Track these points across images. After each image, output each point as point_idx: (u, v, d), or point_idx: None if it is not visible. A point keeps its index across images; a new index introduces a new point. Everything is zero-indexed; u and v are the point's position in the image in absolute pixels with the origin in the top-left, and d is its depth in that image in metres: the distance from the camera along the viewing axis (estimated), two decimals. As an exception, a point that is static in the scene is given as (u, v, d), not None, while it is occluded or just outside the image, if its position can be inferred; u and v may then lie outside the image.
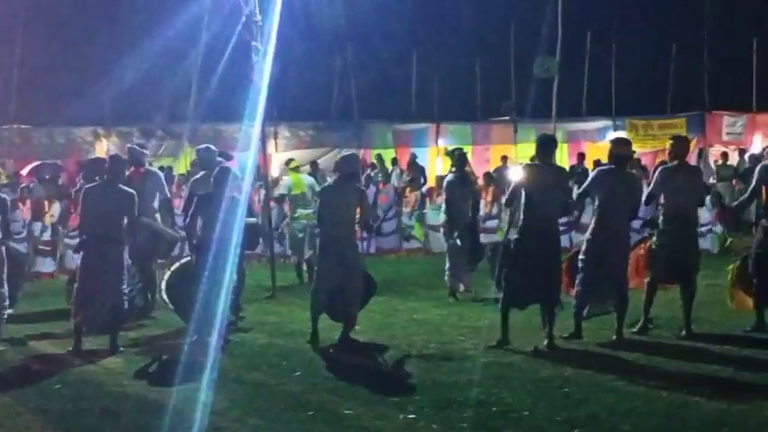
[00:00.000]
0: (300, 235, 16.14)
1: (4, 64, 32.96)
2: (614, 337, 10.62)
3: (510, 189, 10.89)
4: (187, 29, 25.31)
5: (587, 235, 10.87)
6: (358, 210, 11.14)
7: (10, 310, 11.20)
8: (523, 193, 10.48)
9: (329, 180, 14.01)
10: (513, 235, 10.77)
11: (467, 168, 14.96)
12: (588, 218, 11.53)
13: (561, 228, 11.35)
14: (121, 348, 10.77)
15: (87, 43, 32.69)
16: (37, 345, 11.45)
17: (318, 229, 11.29)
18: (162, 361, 10.23)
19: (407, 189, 22.60)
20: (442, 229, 15.00)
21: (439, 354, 10.29)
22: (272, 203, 16.71)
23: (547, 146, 10.80)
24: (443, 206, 14.61)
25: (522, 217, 10.55)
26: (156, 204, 13.25)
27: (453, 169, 14.53)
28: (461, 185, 14.20)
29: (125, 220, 10.89)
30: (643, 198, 11.29)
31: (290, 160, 18.24)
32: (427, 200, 21.96)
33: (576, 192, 12.05)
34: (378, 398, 8.52)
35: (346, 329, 10.92)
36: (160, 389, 8.98)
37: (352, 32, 31.72)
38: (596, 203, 10.75)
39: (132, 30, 30.63)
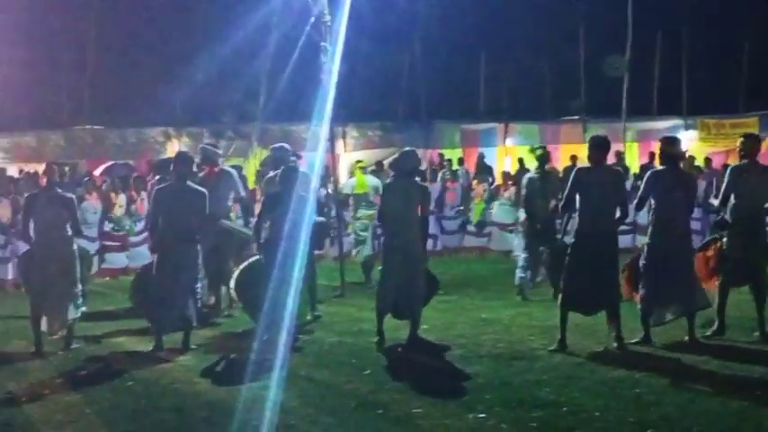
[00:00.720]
0: (363, 235, 16.17)
1: (78, 65, 33.47)
2: (686, 339, 10.48)
3: (565, 193, 10.72)
4: (257, 30, 25.49)
5: (646, 239, 10.74)
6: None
7: (83, 308, 11.36)
8: (578, 196, 10.35)
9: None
10: (569, 239, 10.64)
11: (548, 167, 14.74)
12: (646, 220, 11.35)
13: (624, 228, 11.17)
14: (193, 346, 10.86)
15: (159, 45, 33.05)
16: (110, 342, 11.64)
17: (381, 229, 11.25)
18: (233, 359, 10.33)
19: (475, 181, 22.56)
20: (520, 228, 14.84)
21: (508, 353, 10.25)
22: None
23: (599, 148, 10.58)
24: (516, 203, 14.48)
25: (577, 221, 10.44)
26: (230, 203, 13.38)
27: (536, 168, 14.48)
28: (542, 184, 14.04)
29: (197, 219, 10.97)
30: (717, 200, 11.11)
31: (359, 161, 18.32)
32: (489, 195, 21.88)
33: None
34: (447, 397, 8.51)
35: (413, 328, 10.89)
36: (231, 387, 9.05)
37: (420, 32, 31.71)
38: (652, 206, 10.63)
39: (203, 31, 30.90)
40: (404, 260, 10.80)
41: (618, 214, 10.44)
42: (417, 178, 12.24)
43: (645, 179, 10.81)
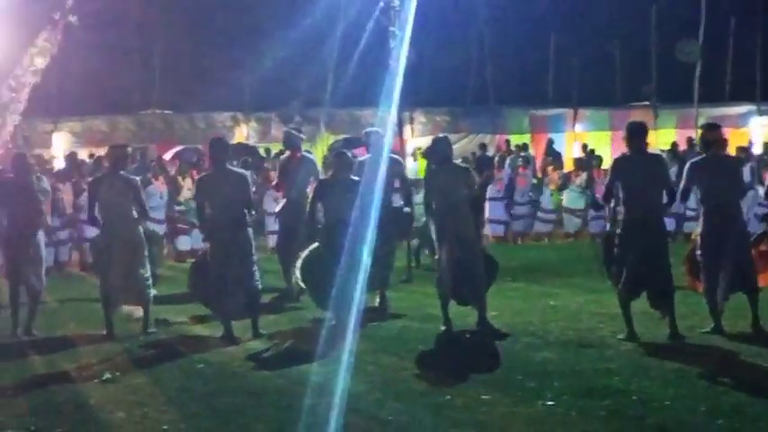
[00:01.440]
0: (423, 220, 16.10)
1: (147, 51, 33.81)
2: (751, 330, 10.27)
3: (606, 184, 10.54)
4: (325, 15, 25.55)
5: (699, 229, 10.54)
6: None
7: (154, 291, 11.45)
8: (620, 186, 10.15)
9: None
10: (617, 229, 10.41)
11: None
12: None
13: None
14: (263, 332, 10.85)
15: (228, 30, 33.29)
16: (180, 326, 11.74)
17: (431, 216, 11.10)
18: (300, 344, 10.33)
19: (550, 168, 22.44)
20: (591, 212, 14.58)
21: (577, 341, 10.16)
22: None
23: (637, 134, 10.32)
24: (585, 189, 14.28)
25: (622, 210, 10.21)
26: (308, 189, 13.41)
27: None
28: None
29: (243, 203, 10.84)
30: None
31: (419, 148, 18.31)
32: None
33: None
34: (515, 384, 8.45)
35: (480, 314, 10.79)
36: (299, 372, 9.08)
37: (489, 17, 31.57)
38: (699, 195, 10.43)
39: (272, 17, 31.07)
40: (458, 245, 10.68)
41: (665, 200, 10.27)
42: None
43: (685, 171, 10.55)
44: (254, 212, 11.36)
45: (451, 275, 10.74)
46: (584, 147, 25.24)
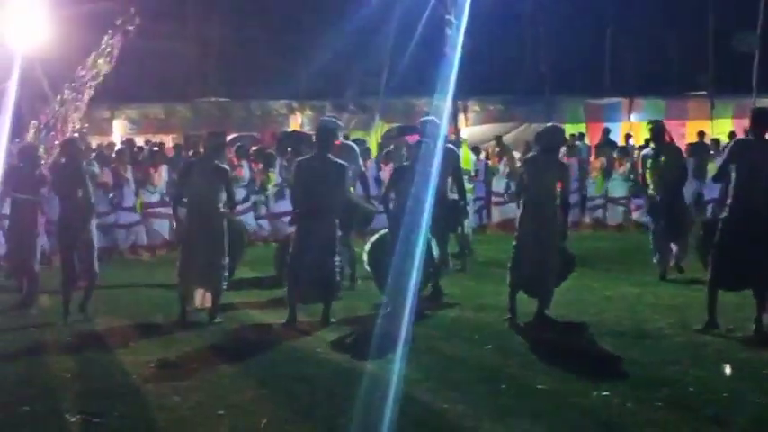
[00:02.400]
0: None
1: (205, 39, 34.04)
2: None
3: (720, 165, 10.37)
4: (382, 4, 25.54)
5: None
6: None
7: (225, 281, 11.31)
8: (734, 169, 9.95)
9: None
10: (723, 214, 10.24)
11: (667, 141, 14.39)
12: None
13: None
14: (333, 320, 10.82)
15: (285, 19, 33.40)
16: (246, 312, 11.80)
17: (520, 203, 11.02)
18: (358, 331, 10.38)
19: (592, 156, 22.31)
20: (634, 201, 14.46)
21: (633, 332, 10.12)
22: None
23: (761, 120, 10.05)
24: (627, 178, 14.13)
25: (732, 194, 9.98)
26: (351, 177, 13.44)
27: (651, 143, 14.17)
28: (656, 159, 13.70)
29: (336, 192, 10.81)
30: None
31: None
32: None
33: None
34: (571, 374, 8.45)
35: (542, 306, 10.72)
36: (355, 358, 9.16)
37: (544, 5, 31.39)
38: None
39: (328, 5, 31.10)
40: (541, 237, 10.59)
41: None
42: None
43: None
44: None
45: (528, 266, 10.67)
46: (628, 136, 25.20)
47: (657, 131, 14.05)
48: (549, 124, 11.82)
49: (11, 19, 19.02)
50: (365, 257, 12.10)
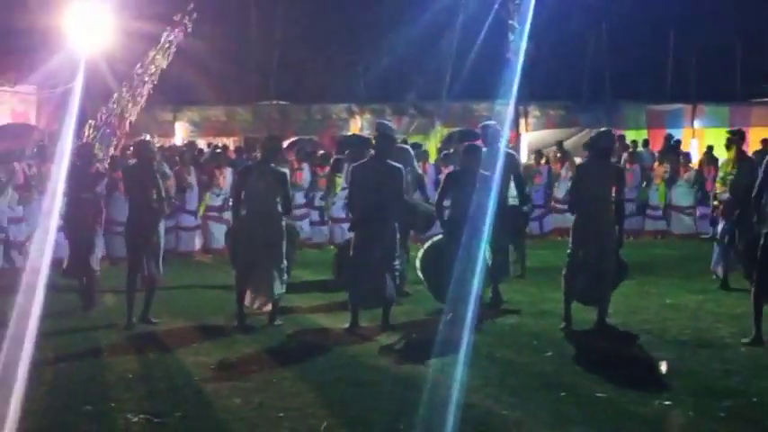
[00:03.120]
0: None
1: (266, 42, 34.24)
2: None
3: (758, 180, 10.12)
4: (444, 8, 25.54)
5: None
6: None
7: (284, 284, 11.28)
8: None
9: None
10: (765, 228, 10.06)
11: (743, 151, 14.14)
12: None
13: None
14: (393, 325, 10.78)
15: (346, 23, 33.51)
16: (306, 316, 11.81)
17: (574, 210, 10.95)
18: (417, 336, 10.39)
19: (656, 163, 22.09)
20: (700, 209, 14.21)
21: (695, 341, 10.03)
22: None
23: None
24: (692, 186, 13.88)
25: None
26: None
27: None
28: (732, 167, 13.44)
29: (394, 195, 10.73)
30: None
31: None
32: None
33: None
34: (631, 382, 8.39)
35: (601, 315, 10.61)
36: (414, 363, 9.15)
37: (606, 10, 31.19)
38: None
39: (390, 9, 31.16)
40: (596, 244, 10.50)
41: None
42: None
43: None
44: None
45: (583, 273, 10.59)
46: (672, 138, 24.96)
47: (736, 140, 13.76)
48: (602, 129, 11.70)
49: (76, 22, 19.35)
50: (417, 264, 12.06)
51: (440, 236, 11.72)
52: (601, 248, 10.53)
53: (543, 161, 21.95)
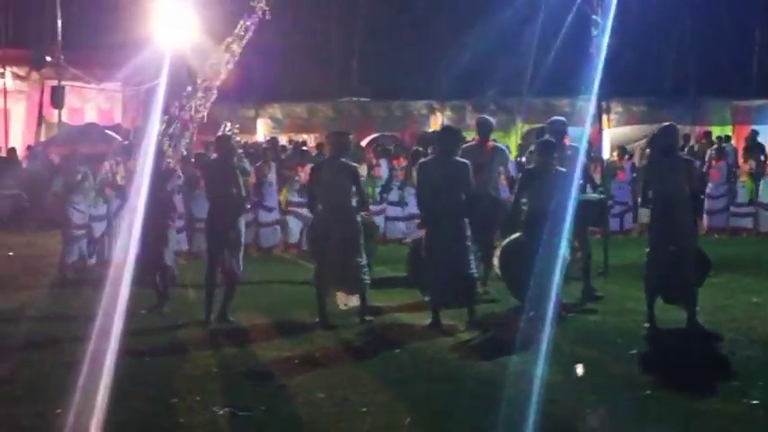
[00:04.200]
0: None
1: (346, 39, 34.38)
2: None
3: None
4: (525, 3, 25.39)
5: None
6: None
7: (367, 279, 11.29)
8: None
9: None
10: None
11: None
12: None
13: None
14: (475, 322, 10.72)
15: (426, 19, 33.51)
16: (388, 314, 11.75)
17: (648, 207, 10.82)
18: (498, 334, 10.34)
19: (742, 160, 21.75)
20: None
21: (783, 339, 9.85)
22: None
23: None
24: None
25: None
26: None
27: None
28: None
29: (463, 192, 10.70)
30: None
31: None
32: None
33: None
34: (717, 381, 8.30)
35: (690, 313, 10.42)
36: (496, 360, 9.13)
37: (691, 4, 30.76)
38: None
39: (470, 5, 31.07)
40: (672, 240, 10.35)
41: None
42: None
43: None
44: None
45: (662, 271, 10.45)
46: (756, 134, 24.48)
47: None
48: (665, 123, 11.51)
49: (161, 18, 19.62)
50: (496, 261, 12.00)
51: (518, 233, 11.62)
52: (678, 245, 10.38)
53: (627, 157, 21.72)
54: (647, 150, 21.88)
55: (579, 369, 8.59)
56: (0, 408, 7.62)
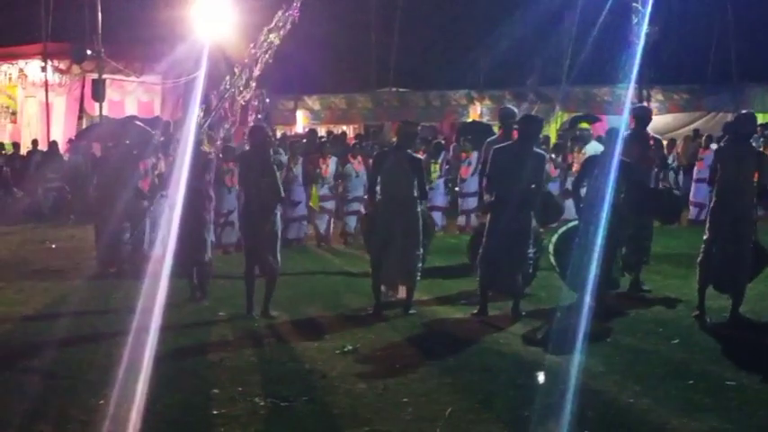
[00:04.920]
0: None
1: (384, 30, 34.35)
2: None
3: None
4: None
5: None
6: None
7: (419, 273, 11.19)
8: None
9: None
10: None
11: None
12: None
13: None
14: (523, 313, 10.67)
15: (465, 9, 33.42)
16: (439, 302, 11.73)
17: (714, 195, 10.66)
18: (543, 324, 10.24)
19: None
20: None
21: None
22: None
23: None
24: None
25: None
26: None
27: None
28: None
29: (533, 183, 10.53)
30: None
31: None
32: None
33: None
34: (761, 370, 8.20)
35: (735, 305, 10.29)
36: (538, 350, 9.10)
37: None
38: None
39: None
40: (734, 230, 10.18)
41: None
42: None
43: None
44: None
45: (719, 260, 10.29)
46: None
47: None
48: (743, 111, 11.32)
49: (200, 12, 19.70)
50: (551, 249, 11.87)
51: (574, 222, 11.48)
52: (737, 234, 10.21)
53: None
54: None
55: (541, 377, 8.38)
56: (46, 400, 7.67)
